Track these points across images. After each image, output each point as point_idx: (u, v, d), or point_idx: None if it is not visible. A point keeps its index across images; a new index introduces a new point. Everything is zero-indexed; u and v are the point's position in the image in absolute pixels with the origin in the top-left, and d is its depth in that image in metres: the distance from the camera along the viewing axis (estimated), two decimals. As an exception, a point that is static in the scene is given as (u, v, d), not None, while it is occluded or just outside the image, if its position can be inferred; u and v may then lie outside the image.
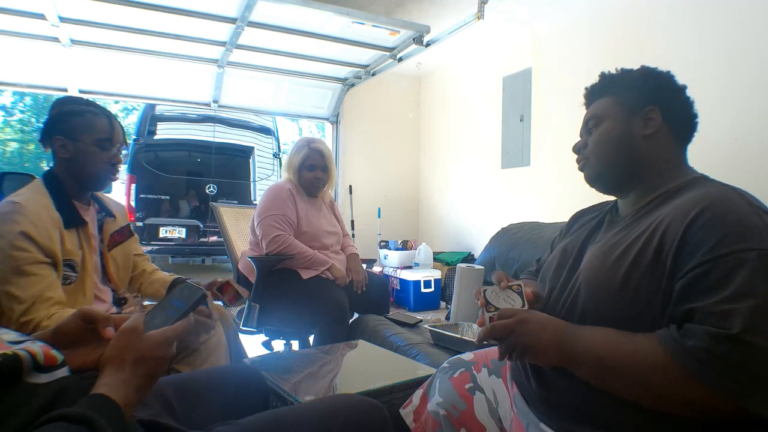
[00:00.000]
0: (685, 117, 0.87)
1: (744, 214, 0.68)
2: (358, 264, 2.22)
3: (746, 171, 2.02)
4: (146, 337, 0.62)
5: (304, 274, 2.02)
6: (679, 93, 0.87)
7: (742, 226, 0.67)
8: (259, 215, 2.11)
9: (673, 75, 0.89)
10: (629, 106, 0.87)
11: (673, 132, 0.86)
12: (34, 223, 1.14)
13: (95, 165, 1.27)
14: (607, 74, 0.93)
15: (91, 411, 0.51)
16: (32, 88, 3.31)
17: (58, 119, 1.25)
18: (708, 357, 0.62)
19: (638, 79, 0.88)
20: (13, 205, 1.15)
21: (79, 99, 1.32)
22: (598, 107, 0.92)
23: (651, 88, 0.86)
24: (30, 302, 1.11)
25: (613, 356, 0.70)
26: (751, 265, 0.64)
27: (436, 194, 4.39)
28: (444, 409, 0.94)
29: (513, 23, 3.20)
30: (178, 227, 5.09)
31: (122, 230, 1.45)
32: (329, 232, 2.21)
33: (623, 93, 0.89)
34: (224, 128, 5.54)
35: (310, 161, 2.16)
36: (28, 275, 1.12)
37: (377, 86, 4.07)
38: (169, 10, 2.45)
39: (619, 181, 0.88)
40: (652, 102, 0.85)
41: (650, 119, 0.85)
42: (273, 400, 1.09)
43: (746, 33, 2.05)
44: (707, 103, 2.18)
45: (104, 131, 1.27)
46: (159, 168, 5.08)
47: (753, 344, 0.60)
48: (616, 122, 0.88)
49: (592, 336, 0.74)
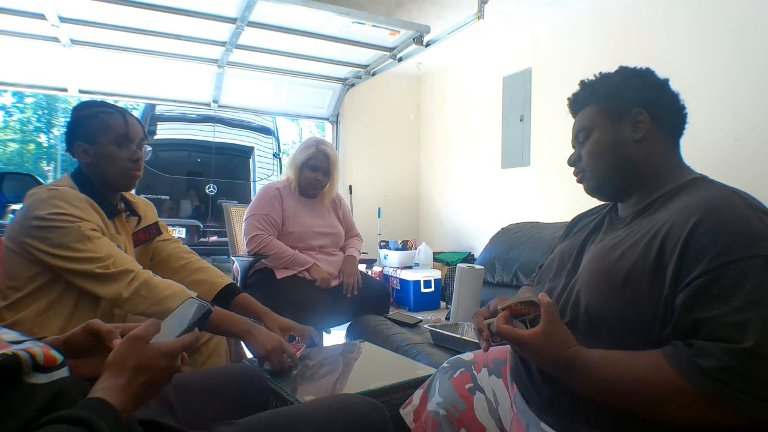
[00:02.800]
0: (674, 111, 0.85)
1: (747, 218, 0.67)
2: (352, 266, 2.17)
3: (746, 171, 2.02)
4: (150, 346, 0.62)
5: (278, 273, 2.00)
6: (662, 89, 0.86)
7: (746, 231, 0.65)
8: (245, 215, 2.13)
9: (653, 71, 0.87)
10: (615, 112, 0.86)
11: (663, 130, 0.84)
12: (75, 205, 1.15)
13: (116, 164, 1.26)
14: (588, 82, 0.91)
15: (90, 414, 0.51)
16: (32, 88, 3.31)
17: (75, 126, 1.26)
18: (726, 376, 0.60)
19: (619, 84, 0.87)
20: (51, 191, 1.15)
21: (92, 102, 1.32)
22: (585, 118, 0.90)
23: (633, 91, 0.85)
24: (113, 258, 1.10)
25: (624, 382, 0.68)
26: (759, 272, 0.62)
27: (436, 194, 4.38)
28: (444, 409, 0.94)
29: (513, 23, 3.20)
30: (178, 227, 5.09)
31: (149, 229, 1.44)
32: (321, 233, 2.16)
33: (607, 100, 0.87)
34: (224, 128, 5.54)
35: (314, 161, 2.13)
36: (94, 239, 1.12)
37: (377, 86, 4.07)
38: (169, 10, 2.45)
39: (619, 188, 0.88)
40: (637, 104, 0.84)
41: (639, 122, 0.84)
42: (273, 400, 1.08)
43: (746, 33, 2.05)
44: (707, 103, 2.19)
45: (119, 128, 1.27)
46: (159, 168, 5.08)
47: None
48: (605, 132, 0.86)
49: (599, 362, 0.71)
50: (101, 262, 1.10)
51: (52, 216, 1.10)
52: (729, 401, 0.60)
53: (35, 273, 1.13)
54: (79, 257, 1.09)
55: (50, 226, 1.10)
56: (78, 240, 1.10)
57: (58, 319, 1.14)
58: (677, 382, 0.63)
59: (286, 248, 2.03)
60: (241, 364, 1.40)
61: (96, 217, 1.18)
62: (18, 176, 1.63)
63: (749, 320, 0.61)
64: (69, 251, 1.09)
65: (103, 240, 1.14)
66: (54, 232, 1.09)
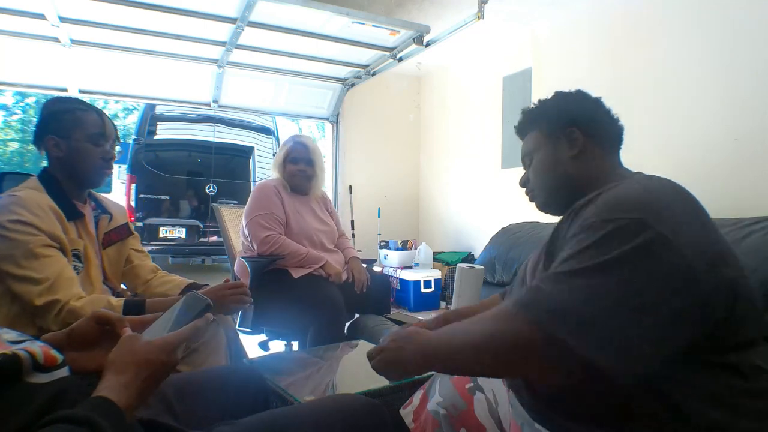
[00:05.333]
0: (606, 126, 0.94)
1: (626, 191, 0.69)
2: (360, 265, 2.20)
3: (746, 171, 2.01)
4: (148, 341, 0.62)
5: (295, 273, 1.98)
6: (593, 107, 0.95)
7: (612, 202, 0.68)
8: (246, 216, 2.06)
9: (583, 91, 0.97)
10: (552, 133, 0.94)
11: (599, 144, 0.91)
12: (35, 213, 1.14)
13: (88, 161, 1.26)
14: (528, 110, 1.02)
15: (93, 413, 0.51)
16: (32, 88, 3.31)
17: (48, 119, 1.25)
18: (532, 293, 0.65)
19: (552, 107, 0.97)
20: (12, 198, 1.15)
21: (67, 98, 1.32)
22: (529, 143, 1.00)
23: (565, 111, 0.94)
24: (50, 282, 1.09)
25: (475, 342, 0.70)
26: (606, 233, 0.64)
27: (436, 194, 4.38)
28: (444, 408, 0.94)
29: (513, 23, 3.19)
30: (178, 227, 5.09)
31: (120, 229, 1.44)
32: (320, 230, 2.16)
33: (544, 124, 0.97)
34: (224, 128, 5.55)
35: (294, 154, 2.13)
36: (41, 257, 1.11)
37: (377, 86, 4.07)
38: (169, 10, 2.45)
39: (565, 203, 0.90)
40: (570, 124, 0.92)
41: (573, 140, 0.91)
42: (273, 400, 1.08)
43: (747, 33, 2.05)
44: (707, 103, 2.18)
45: (96, 126, 1.27)
46: (159, 168, 5.08)
47: (565, 282, 0.63)
48: (546, 152, 0.95)
49: (448, 335, 0.76)
50: (37, 285, 1.08)
51: (9, 223, 1.10)
52: (529, 313, 0.64)
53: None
54: (19, 275, 1.09)
55: (3, 236, 1.09)
56: (24, 256, 1.09)
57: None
58: (512, 321, 0.66)
59: (299, 246, 2.02)
60: (241, 364, 1.41)
61: (55, 224, 1.17)
62: (18, 176, 1.63)
63: (572, 262, 0.64)
64: (12, 266, 1.09)
65: (51, 259, 1.12)
66: (5, 242, 1.09)
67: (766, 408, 0.65)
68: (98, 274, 1.30)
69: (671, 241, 0.61)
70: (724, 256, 0.67)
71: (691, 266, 0.61)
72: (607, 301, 0.60)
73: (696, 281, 0.61)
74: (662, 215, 0.63)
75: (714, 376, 0.65)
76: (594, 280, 0.62)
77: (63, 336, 0.71)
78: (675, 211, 0.66)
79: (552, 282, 0.65)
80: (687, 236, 0.63)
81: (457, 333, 0.75)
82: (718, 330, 0.64)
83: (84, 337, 0.71)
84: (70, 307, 1.11)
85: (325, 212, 2.29)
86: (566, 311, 0.61)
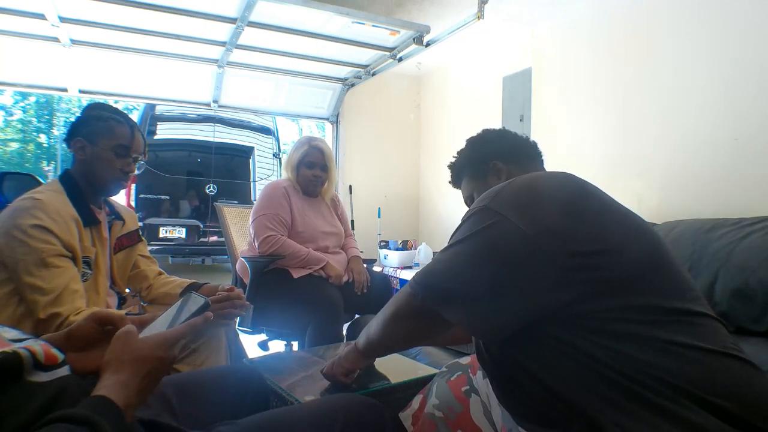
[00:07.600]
0: (520, 147, 1.06)
1: (502, 186, 0.77)
2: (360, 265, 2.20)
3: (746, 171, 2.01)
4: (144, 338, 0.62)
5: (295, 273, 1.99)
6: (502, 137, 1.09)
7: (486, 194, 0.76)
8: (253, 214, 2.09)
9: (489, 128, 1.15)
10: (480, 173, 1.06)
11: (522, 164, 1.03)
12: (53, 218, 1.16)
13: (108, 170, 1.29)
14: (452, 165, 1.16)
15: (93, 413, 0.51)
16: (32, 88, 3.31)
17: (82, 122, 1.29)
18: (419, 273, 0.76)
19: (470, 152, 1.11)
20: (34, 201, 1.16)
21: (108, 107, 1.35)
22: (465, 188, 1.12)
23: (481, 152, 1.07)
24: (55, 294, 1.11)
25: (386, 321, 0.85)
26: (468, 218, 0.73)
27: (436, 194, 4.38)
28: (440, 411, 0.95)
29: (513, 23, 3.20)
30: (178, 227, 5.10)
31: (131, 235, 1.47)
32: (327, 233, 2.17)
33: (469, 168, 1.10)
34: (224, 128, 5.55)
35: (309, 158, 2.13)
36: (52, 267, 1.13)
37: (377, 86, 4.07)
38: (169, 10, 2.45)
39: None
40: (489, 158, 1.04)
41: (498, 170, 1.03)
42: (273, 400, 1.09)
43: (747, 33, 2.05)
44: (707, 103, 2.19)
45: (124, 138, 1.30)
46: (159, 168, 5.09)
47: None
48: (481, 188, 1.02)
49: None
50: (44, 295, 1.11)
51: (29, 228, 1.12)
52: (410, 286, 0.77)
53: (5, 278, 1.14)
54: (28, 282, 1.11)
55: (21, 239, 1.11)
56: (35, 264, 1.11)
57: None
58: (402, 295, 0.80)
59: (300, 247, 2.03)
60: (241, 364, 1.41)
61: (71, 231, 1.19)
62: (18, 176, 1.63)
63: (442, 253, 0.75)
64: (23, 272, 1.11)
65: (61, 270, 1.14)
66: (22, 246, 1.11)
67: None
68: (105, 280, 1.32)
69: (510, 221, 0.68)
70: (589, 236, 0.66)
71: (525, 243, 0.65)
72: (453, 271, 0.72)
73: (525, 256, 0.65)
74: (503, 200, 0.71)
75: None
76: (445, 254, 0.74)
77: (63, 336, 0.71)
78: (517, 195, 0.72)
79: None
80: (527, 218, 0.67)
81: (376, 317, 0.88)
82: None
83: (84, 337, 0.71)
84: (70, 321, 1.13)
85: (333, 215, 2.28)
86: (427, 283, 0.74)
